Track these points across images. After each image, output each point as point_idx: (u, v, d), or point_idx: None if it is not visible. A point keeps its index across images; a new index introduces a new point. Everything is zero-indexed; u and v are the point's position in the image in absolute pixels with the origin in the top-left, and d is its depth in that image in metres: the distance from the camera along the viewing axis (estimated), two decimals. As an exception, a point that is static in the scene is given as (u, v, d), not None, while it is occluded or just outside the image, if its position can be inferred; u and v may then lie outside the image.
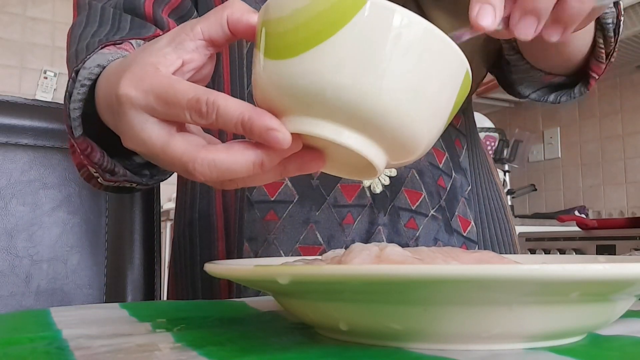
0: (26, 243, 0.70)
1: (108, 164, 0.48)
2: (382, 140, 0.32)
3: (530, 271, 0.23)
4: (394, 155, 0.34)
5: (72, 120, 0.46)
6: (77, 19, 0.60)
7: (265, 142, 0.33)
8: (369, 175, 0.35)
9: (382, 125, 0.31)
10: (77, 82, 0.46)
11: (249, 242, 0.63)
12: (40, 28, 3.12)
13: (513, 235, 0.76)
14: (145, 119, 0.36)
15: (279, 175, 0.37)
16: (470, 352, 0.28)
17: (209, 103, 0.33)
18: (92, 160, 0.48)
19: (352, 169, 0.36)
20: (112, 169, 0.49)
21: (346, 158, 0.35)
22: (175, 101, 0.34)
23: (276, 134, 0.32)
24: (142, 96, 0.35)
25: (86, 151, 0.48)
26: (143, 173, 0.54)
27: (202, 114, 0.34)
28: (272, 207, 0.63)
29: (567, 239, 1.73)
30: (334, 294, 0.28)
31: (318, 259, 0.38)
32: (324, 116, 0.32)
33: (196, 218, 0.70)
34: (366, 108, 0.30)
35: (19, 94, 2.88)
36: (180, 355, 0.28)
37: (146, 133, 0.36)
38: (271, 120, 0.33)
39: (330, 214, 0.62)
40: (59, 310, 0.44)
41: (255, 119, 0.33)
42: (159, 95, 0.35)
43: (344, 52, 0.30)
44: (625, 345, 0.31)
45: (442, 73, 0.32)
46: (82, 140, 0.47)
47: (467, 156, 0.71)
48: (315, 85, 0.30)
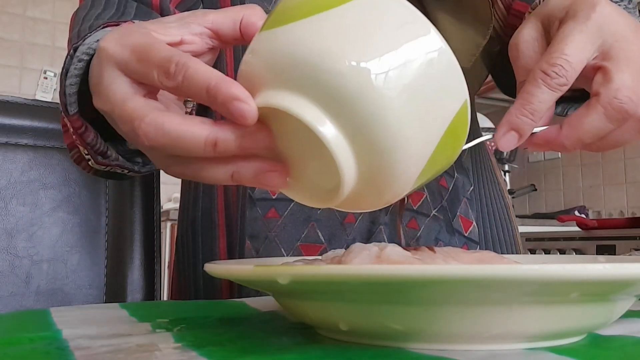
0: (26, 243, 0.70)
1: (101, 146, 0.47)
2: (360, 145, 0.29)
3: (530, 271, 0.23)
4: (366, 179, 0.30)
5: (67, 97, 0.45)
6: (82, 3, 0.59)
7: (228, 113, 0.30)
8: (328, 201, 0.31)
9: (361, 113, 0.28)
10: (75, 57, 0.45)
11: (251, 240, 0.63)
12: (40, 28, 3.12)
13: (516, 236, 0.76)
14: (117, 75, 0.34)
15: (230, 178, 0.33)
16: (470, 352, 0.28)
17: (179, 63, 0.32)
18: (84, 140, 0.47)
19: (314, 191, 0.32)
20: (104, 151, 0.48)
21: (312, 171, 0.31)
22: (147, 58, 0.33)
23: (241, 104, 0.30)
24: (119, 50, 0.34)
25: (79, 130, 0.47)
26: (135, 160, 0.52)
27: (169, 75, 0.32)
28: (273, 205, 0.63)
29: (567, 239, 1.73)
30: (334, 294, 0.28)
31: (318, 259, 0.38)
32: (298, 90, 0.29)
33: (199, 216, 0.70)
34: (347, 91, 0.27)
35: (19, 94, 2.88)
36: (180, 356, 0.28)
37: (112, 88, 0.34)
38: (238, 90, 0.30)
39: (331, 213, 0.62)
40: (59, 310, 0.44)
41: (222, 85, 0.30)
42: (134, 50, 0.34)
43: (338, 24, 0.28)
44: (625, 345, 0.31)
45: (439, 84, 0.29)
46: (77, 118, 0.46)
47: (470, 156, 0.71)
48: (297, 53, 0.28)
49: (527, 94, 0.38)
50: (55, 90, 3.11)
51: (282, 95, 0.29)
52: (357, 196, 0.31)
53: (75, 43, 0.48)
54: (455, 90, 0.29)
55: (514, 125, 0.38)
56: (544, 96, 0.38)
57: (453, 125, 0.30)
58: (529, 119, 0.38)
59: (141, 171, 0.53)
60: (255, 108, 0.30)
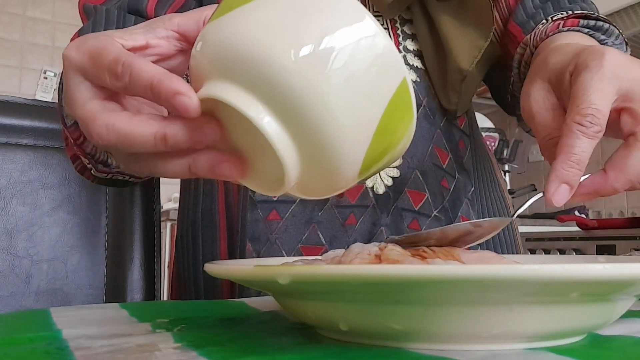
0: (26, 243, 0.70)
1: (100, 155, 0.48)
2: (299, 134, 0.29)
3: (530, 271, 0.23)
4: (311, 166, 0.30)
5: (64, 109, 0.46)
6: (85, 24, 0.60)
7: (172, 107, 0.31)
8: (278, 189, 0.32)
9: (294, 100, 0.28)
10: None
11: (252, 242, 0.63)
12: (40, 28, 3.12)
13: (516, 236, 0.76)
14: (80, 81, 0.35)
15: (188, 170, 0.34)
16: (470, 352, 0.28)
17: (125, 64, 0.33)
18: (84, 150, 0.48)
19: (266, 180, 0.33)
20: (104, 160, 0.49)
21: (261, 160, 0.32)
22: (99, 61, 0.34)
23: (183, 97, 0.30)
24: (78, 56, 0.35)
25: (78, 140, 0.47)
26: None
27: (117, 75, 0.33)
28: (274, 207, 0.63)
29: (567, 239, 1.73)
30: (334, 294, 0.28)
31: (318, 259, 0.38)
32: (238, 82, 0.29)
33: (199, 217, 0.70)
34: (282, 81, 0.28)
35: (19, 94, 2.88)
36: (181, 356, 0.28)
37: (76, 94, 0.35)
38: (180, 84, 0.31)
39: (332, 214, 0.62)
40: (59, 310, 0.44)
41: (164, 81, 0.31)
42: (91, 55, 0.34)
43: (273, 12, 0.29)
44: (625, 345, 0.31)
45: (375, 68, 0.29)
46: (74, 129, 0.47)
47: (471, 157, 0.71)
48: (233, 43, 0.29)
49: (569, 147, 0.40)
50: (55, 90, 3.11)
51: (222, 87, 0.30)
52: (308, 183, 0.32)
53: None
54: (392, 70, 0.29)
55: (564, 179, 0.39)
56: (585, 145, 0.40)
57: (392, 104, 0.29)
58: (575, 169, 0.39)
59: (142, 177, 0.53)
60: (197, 101, 0.30)
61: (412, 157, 0.65)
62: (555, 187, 0.39)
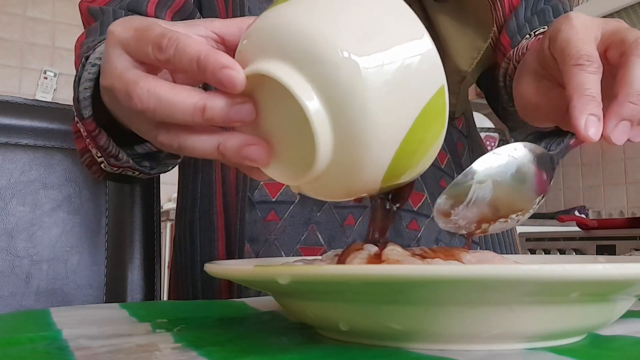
0: (26, 243, 0.70)
1: (113, 149, 0.49)
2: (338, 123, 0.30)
3: (530, 271, 0.23)
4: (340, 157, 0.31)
5: (81, 102, 0.47)
6: (92, 25, 0.61)
7: (217, 80, 0.32)
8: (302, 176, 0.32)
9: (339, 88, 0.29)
10: (87, 64, 0.47)
11: (250, 243, 0.63)
12: (40, 28, 3.12)
13: (514, 236, 0.76)
14: (120, 53, 0.36)
15: (216, 149, 0.34)
16: (470, 352, 0.28)
17: (172, 38, 0.33)
18: (97, 143, 0.49)
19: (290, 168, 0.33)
20: (116, 154, 0.50)
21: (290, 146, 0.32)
22: (145, 35, 0.35)
23: (230, 71, 0.31)
24: (124, 31, 0.36)
25: (93, 133, 0.48)
26: (143, 164, 0.54)
27: (162, 48, 0.33)
28: (273, 208, 0.63)
29: (567, 239, 1.73)
30: (334, 294, 0.28)
31: (318, 259, 0.38)
32: (288, 61, 0.30)
33: (197, 218, 0.70)
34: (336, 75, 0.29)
35: (19, 94, 2.88)
36: (180, 356, 0.28)
37: (115, 64, 0.36)
38: (228, 58, 0.32)
39: (331, 215, 0.62)
40: (59, 310, 0.44)
41: (211, 56, 0.32)
42: (136, 29, 0.35)
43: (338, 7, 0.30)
44: (625, 345, 0.31)
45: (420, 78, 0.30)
46: (90, 122, 0.48)
47: (469, 157, 0.71)
48: (296, 27, 0.30)
49: (578, 85, 0.39)
50: (55, 90, 3.11)
51: (272, 64, 0.30)
52: (328, 178, 0.32)
53: (85, 52, 0.49)
54: (431, 75, 0.30)
55: (589, 111, 0.38)
56: (591, 80, 0.39)
57: (427, 108, 0.30)
58: (595, 101, 0.39)
59: (150, 173, 0.54)
60: (244, 75, 0.31)
61: None
62: (584, 120, 0.38)
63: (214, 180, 0.68)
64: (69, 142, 0.75)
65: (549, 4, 0.69)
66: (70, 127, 0.73)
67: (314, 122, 0.29)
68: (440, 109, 0.31)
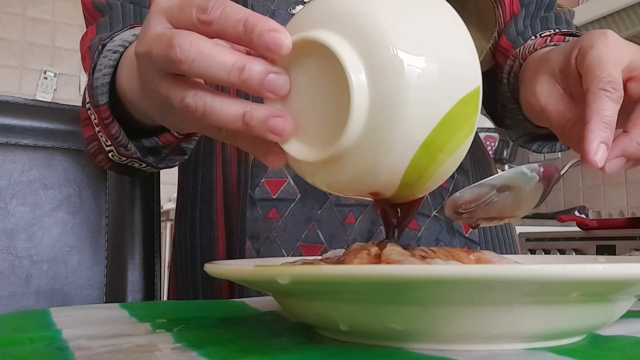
0: (26, 243, 0.70)
1: (123, 139, 0.50)
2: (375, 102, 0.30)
3: (530, 271, 0.23)
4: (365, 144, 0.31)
5: (97, 88, 0.47)
6: (101, 20, 0.61)
7: (264, 43, 0.31)
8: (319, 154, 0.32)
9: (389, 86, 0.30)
10: (108, 50, 0.48)
11: (251, 240, 0.63)
12: (40, 28, 3.12)
13: (514, 236, 0.76)
14: (162, 20, 0.36)
15: (241, 117, 0.33)
16: (470, 352, 0.28)
17: (218, 2, 0.33)
18: (109, 131, 0.49)
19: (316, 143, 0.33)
20: (125, 144, 0.51)
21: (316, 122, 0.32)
22: (190, 1, 0.34)
23: (278, 34, 0.31)
24: (167, 1, 0.36)
25: (106, 120, 0.49)
26: (147, 158, 0.55)
27: (206, 10, 0.33)
28: (274, 205, 0.63)
29: (567, 239, 1.73)
30: (334, 294, 0.28)
31: (318, 259, 0.38)
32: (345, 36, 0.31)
33: (197, 217, 0.70)
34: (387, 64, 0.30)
35: (19, 94, 2.88)
36: (180, 356, 0.28)
37: (155, 27, 0.36)
38: (275, 23, 0.32)
39: (332, 213, 0.62)
40: (59, 311, 0.44)
41: (259, 18, 0.32)
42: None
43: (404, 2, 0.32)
44: (625, 346, 0.31)
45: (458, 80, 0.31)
46: (106, 109, 0.48)
47: (469, 157, 0.71)
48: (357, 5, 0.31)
49: (599, 110, 0.41)
50: (55, 90, 3.11)
51: (325, 32, 0.31)
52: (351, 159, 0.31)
53: (103, 40, 0.49)
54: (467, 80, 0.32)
55: (602, 139, 0.40)
56: (612, 109, 0.41)
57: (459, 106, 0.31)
58: (609, 130, 0.41)
59: (158, 166, 0.54)
60: (290, 40, 0.31)
61: None
62: (596, 147, 0.40)
63: (215, 179, 0.68)
64: (69, 142, 0.75)
65: (550, 13, 0.71)
66: (70, 127, 0.73)
67: (355, 93, 0.29)
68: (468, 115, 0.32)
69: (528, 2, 0.71)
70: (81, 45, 0.63)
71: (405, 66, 0.30)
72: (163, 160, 0.56)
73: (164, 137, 0.55)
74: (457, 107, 0.31)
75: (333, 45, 0.30)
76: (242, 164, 0.65)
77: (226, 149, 0.67)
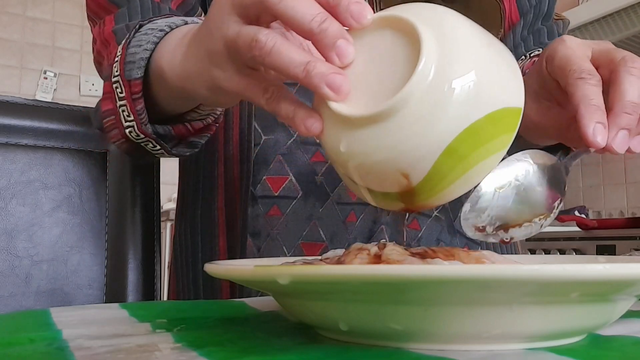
0: (26, 243, 0.70)
1: (144, 117, 0.51)
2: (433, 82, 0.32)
3: (530, 271, 0.23)
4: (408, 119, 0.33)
5: (133, 63, 0.49)
6: (119, 11, 0.62)
7: (349, 12, 0.34)
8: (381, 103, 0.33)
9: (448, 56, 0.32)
10: (151, 29, 0.50)
11: (252, 237, 0.63)
12: (40, 28, 3.12)
13: (514, 235, 0.76)
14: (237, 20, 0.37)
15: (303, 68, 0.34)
16: (470, 352, 0.28)
17: None
18: (135, 106, 0.50)
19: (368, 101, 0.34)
20: (146, 122, 0.52)
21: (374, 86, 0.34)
22: None
23: (362, 6, 0.34)
24: None
25: (135, 95, 0.50)
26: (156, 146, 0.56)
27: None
28: (275, 203, 0.63)
29: (567, 239, 1.73)
30: (334, 294, 0.28)
31: (317, 259, 0.38)
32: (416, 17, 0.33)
33: (198, 215, 0.70)
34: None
35: (19, 94, 2.88)
36: (180, 356, 0.28)
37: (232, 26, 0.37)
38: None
39: (333, 211, 0.62)
40: (59, 311, 0.44)
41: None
42: None
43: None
44: (625, 345, 0.31)
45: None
46: (139, 83, 0.50)
47: None
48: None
49: (583, 96, 0.42)
50: (55, 90, 3.11)
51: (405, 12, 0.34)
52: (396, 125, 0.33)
53: (141, 21, 0.53)
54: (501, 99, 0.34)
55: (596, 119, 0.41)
56: (594, 92, 0.42)
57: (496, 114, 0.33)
58: (599, 111, 0.41)
59: (172, 151, 0.56)
60: (372, 13, 0.34)
61: None
62: (592, 127, 0.40)
63: (216, 176, 0.68)
64: (69, 142, 0.75)
65: (545, 24, 0.72)
66: (70, 127, 0.74)
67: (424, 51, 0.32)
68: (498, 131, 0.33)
69: (526, 10, 0.71)
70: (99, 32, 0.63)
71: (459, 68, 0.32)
72: (174, 147, 0.57)
73: (178, 128, 0.55)
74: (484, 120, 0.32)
75: (413, 21, 0.33)
76: (244, 162, 0.65)
77: (228, 146, 0.67)
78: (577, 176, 2.49)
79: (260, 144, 0.64)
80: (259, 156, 0.64)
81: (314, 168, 0.63)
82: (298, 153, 0.63)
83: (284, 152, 0.63)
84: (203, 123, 0.56)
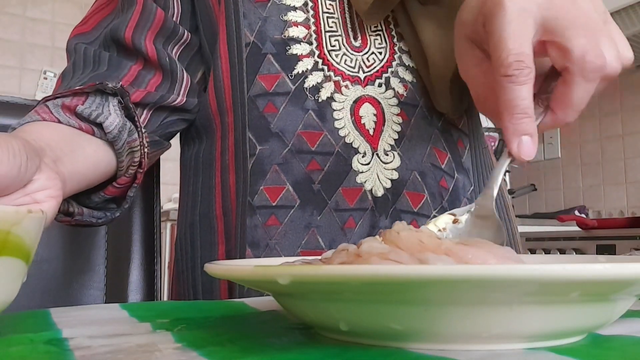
0: (26, 243, 0.70)
1: (62, 206, 0.53)
2: None
3: (530, 271, 0.23)
4: None
5: None
6: (67, 65, 0.66)
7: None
8: None
9: None
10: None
11: (251, 248, 0.63)
12: (40, 28, 3.12)
13: (515, 235, 0.76)
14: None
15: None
16: (470, 352, 0.28)
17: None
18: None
19: None
20: (66, 209, 0.54)
21: None
22: None
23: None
24: None
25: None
26: (109, 207, 0.59)
27: None
28: (273, 212, 0.63)
29: (567, 239, 1.73)
30: (334, 294, 0.28)
31: (317, 259, 0.38)
32: None
33: (197, 220, 0.70)
34: None
35: (19, 94, 2.88)
36: (181, 356, 0.28)
37: None
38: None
39: (331, 219, 0.62)
40: (59, 311, 0.44)
41: None
42: None
43: None
44: (625, 345, 0.31)
45: None
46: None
47: (470, 156, 0.71)
48: None
49: (508, 101, 0.39)
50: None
51: None
52: None
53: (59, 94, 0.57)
54: None
55: (521, 132, 0.39)
56: (522, 93, 0.39)
57: None
58: (526, 119, 0.39)
59: (114, 216, 0.60)
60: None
61: (410, 159, 0.65)
62: (517, 143, 0.39)
63: (214, 184, 0.68)
64: (69, 142, 0.75)
65: None
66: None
67: None
68: None
69: None
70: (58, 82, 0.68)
71: None
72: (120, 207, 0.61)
73: (109, 190, 0.59)
74: None
75: None
76: (239, 171, 0.65)
77: (225, 155, 0.67)
78: (577, 176, 2.49)
79: (256, 154, 0.64)
80: (256, 166, 0.64)
81: (310, 176, 0.63)
82: (294, 162, 0.63)
83: (280, 162, 0.63)
84: (126, 176, 0.59)
